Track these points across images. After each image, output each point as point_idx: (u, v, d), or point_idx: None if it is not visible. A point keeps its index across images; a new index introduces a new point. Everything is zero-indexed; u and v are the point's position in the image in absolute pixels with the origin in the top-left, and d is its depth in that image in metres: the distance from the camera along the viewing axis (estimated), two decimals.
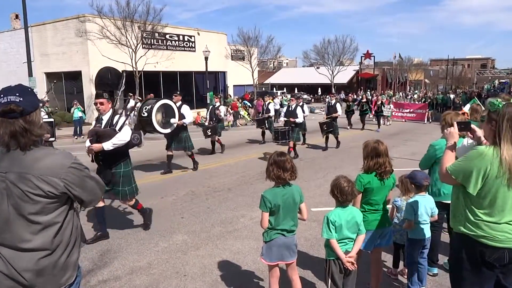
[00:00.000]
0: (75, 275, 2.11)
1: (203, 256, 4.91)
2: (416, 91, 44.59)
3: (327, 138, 12.88)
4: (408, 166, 8.24)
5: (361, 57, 48.96)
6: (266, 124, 14.09)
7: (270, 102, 15.35)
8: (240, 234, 5.63)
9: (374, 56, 49.29)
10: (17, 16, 27.63)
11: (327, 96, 14.98)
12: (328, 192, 3.47)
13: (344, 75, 43.64)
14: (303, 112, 11.61)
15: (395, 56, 54.32)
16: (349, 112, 19.56)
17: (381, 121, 19.62)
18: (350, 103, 20.20)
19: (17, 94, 1.89)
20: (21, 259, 1.94)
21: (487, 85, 61.19)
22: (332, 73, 39.04)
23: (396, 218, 4.15)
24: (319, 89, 41.81)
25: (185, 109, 9.13)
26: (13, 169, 1.90)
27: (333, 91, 38.38)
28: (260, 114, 14.77)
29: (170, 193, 7.84)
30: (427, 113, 22.79)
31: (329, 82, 39.43)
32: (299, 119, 11.01)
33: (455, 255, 2.60)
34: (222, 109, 12.88)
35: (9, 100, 1.87)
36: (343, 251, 3.17)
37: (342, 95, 26.91)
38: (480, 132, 2.60)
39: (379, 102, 19.16)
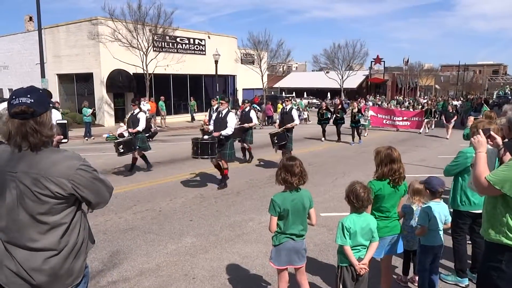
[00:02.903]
0: (81, 275, 2.14)
1: (212, 259, 4.91)
2: (426, 97, 44.15)
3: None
4: (417, 172, 8.18)
5: (371, 62, 48.81)
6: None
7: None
8: (249, 238, 5.62)
9: (384, 61, 49.13)
10: (31, 18, 28.04)
11: (283, 101, 11.51)
12: (337, 198, 3.46)
13: (353, 80, 43.48)
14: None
15: (406, 62, 54.01)
16: (323, 122, 16.68)
17: (357, 132, 16.18)
18: (324, 110, 16.84)
19: (28, 96, 1.94)
20: (29, 258, 1.98)
21: (499, 90, 60.40)
22: (342, 77, 38.94)
23: (405, 225, 4.10)
24: (329, 93, 41.69)
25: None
26: (23, 169, 1.93)
27: (343, 95, 38.25)
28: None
29: (180, 195, 7.87)
30: (423, 122, 19.68)
31: (339, 86, 39.33)
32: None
33: (492, 265, 2.51)
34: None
35: (20, 101, 1.91)
36: (356, 258, 3.15)
37: (336, 100, 25.47)
38: (499, 139, 2.57)
39: (355, 110, 16.01)
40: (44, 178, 1.91)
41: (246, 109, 11.42)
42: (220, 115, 8.19)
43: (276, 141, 9.83)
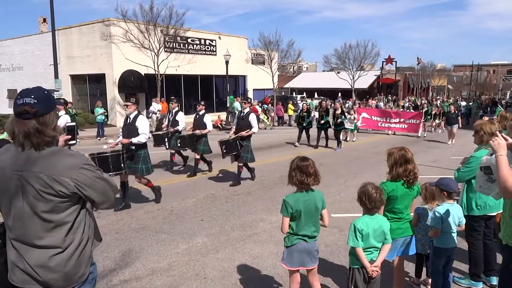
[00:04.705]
0: (87, 272, 2.16)
1: (223, 259, 4.93)
2: (439, 97, 43.52)
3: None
4: (429, 174, 8.09)
5: (383, 62, 48.38)
6: (167, 144, 9.98)
7: (178, 111, 10.16)
8: (260, 238, 5.63)
9: (395, 61, 48.66)
10: (44, 20, 28.41)
11: (241, 103, 9.39)
12: (348, 198, 3.44)
13: (364, 80, 43.11)
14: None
15: (419, 62, 53.44)
16: (304, 125, 14.96)
17: (343, 136, 15.32)
18: (305, 113, 15.03)
19: (32, 97, 1.98)
20: (34, 255, 2.03)
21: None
22: (353, 78, 38.66)
23: (418, 227, 4.06)
24: (339, 94, 41.46)
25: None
26: (28, 168, 1.98)
27: (354, 96, 37.99)
28: (164, 127, 10.34)
29: (191, 195, 7.90)
30: (422, 124, 18.13)
31: (350, 87, 39.06)
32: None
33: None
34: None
35: (24, 102, 1.97)
36: (368, 260, 3.13)
37: (340, 100, 24.08)
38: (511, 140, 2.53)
39: (338, 111, 14.49)
40: (47, 177, 1.95)
41: (200, 113, 9.35)
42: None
43: (224, 150, 8.33)
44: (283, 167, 9.74)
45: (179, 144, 9.34)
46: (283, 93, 43.73)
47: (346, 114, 15.37)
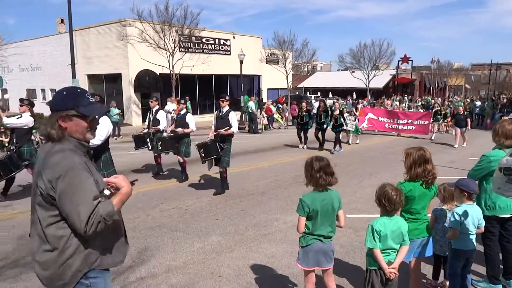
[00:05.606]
0: (74, 283, 2.11)
1: (237, 258, 4.94)
2: (457, 97, 42.72)
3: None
4: (447, 175, 7.96)
5: (398, 61, 47.81)
6: (149, 145, 9.31)
7: (159, 110, 9.65)
8: (274, 238, 5.63)
9: (412, 61, 48.04)
10: (62, 21, 28.94)
11: (219, 102, 8.29)
12: (364, 199, 3.41)
13: (380, 80, 42.70)
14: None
15: (434, 61, 52.65)
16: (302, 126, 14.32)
17: (344, 139, 14.77)
18: (304, 113, 14.17)
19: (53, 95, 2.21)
20: (35, 247, 2.14)
21: None
22: (368, 77, 38.31)
23: (436, 229, 4.00)
24: (354, 93, 41.14)
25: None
26: (38, 162, 2.19)
27: (369, 96, 37.65)
28: (147, 129, 9.66)
29: (205, 194, 7.94)
30: (430, 126, 17.15)
31: (365, 86, 38.72)
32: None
33: None
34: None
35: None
36: (386, 261, 3.09)
37: (349, 100, 22.81)
38: None
39: (336, 112, 13.66)
40: (42, 172, 2.05)
41: (182, 112, 8.77)
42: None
43: (203, 154, 7.66)
44: (298, 167, 9.74)
45: (160, 147, 8.74)
46: (297, 92, 43.58)
47: (345, 115, 14.56)
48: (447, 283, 3.92)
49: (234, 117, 7.88)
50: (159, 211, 6.88)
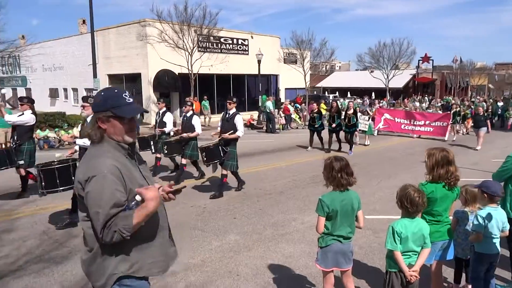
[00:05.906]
0: (110, 284, 2.12)
1: (255, 257, 4.95)
2: (479, 97, 41.69)
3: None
4: (470, 177, 7.79)
5: (419, 60, 47.00)
6: (153, 147, 9.38)
7: (166, 112, 9.65)
8: (292, 238, 5.61)
9: (432, 60, 47.15)
10: (84, 22, 29.50)
11: (226, 104, 8.51)
12: (383, 200, 3.37)
13: (399, 79, 42.05)
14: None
15: (456, 60, 51.52)
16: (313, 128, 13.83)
17: (356, 140, 14.31)
18: (315, 114, 13.73)
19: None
20: (83, 244, 2.24)
21: None
22: (387, 77, 37.80)
23: (458, 231, 3.91)
24: (373, 93, 40.65)
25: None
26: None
27: (388, 96, 37.14)
28: (155, 130, 9.69)
29: (223, 193, 7.97)
30: (449, 127, 16.42)
31: (384, 86, 38.22)
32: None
33: None
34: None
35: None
36: (406, 264, 3.05)
37: (367, 100, 22.20)
38: None
39: (350, 112, 13.23)
40: (77, 173, 2.14)
41: (188, 114, 8.63)
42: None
43: (205, 158, 7.48)
44: (315, 167, 9.69)
45: (166, 151, 8.58)
46: (315, 92, 43.32)
47: (359, 114, 14.06)
48: (469, 287, 3.84)
49: (240, 120, 7.73)
50: (179, 209, 6.94)
